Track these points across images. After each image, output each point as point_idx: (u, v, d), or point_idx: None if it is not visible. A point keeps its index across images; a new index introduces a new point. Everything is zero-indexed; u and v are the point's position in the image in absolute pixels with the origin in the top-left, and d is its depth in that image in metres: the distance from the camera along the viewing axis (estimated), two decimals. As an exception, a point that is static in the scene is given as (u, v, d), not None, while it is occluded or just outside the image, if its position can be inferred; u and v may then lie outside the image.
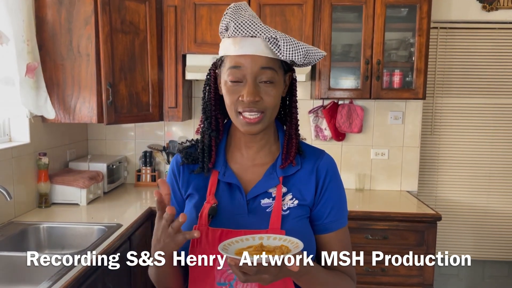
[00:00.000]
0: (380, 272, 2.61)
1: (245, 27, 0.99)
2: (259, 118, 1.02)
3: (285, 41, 0.99)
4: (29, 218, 2.32)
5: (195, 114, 3.22)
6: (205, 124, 1.11)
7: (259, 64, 1.00)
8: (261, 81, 1.01)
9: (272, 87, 1.02)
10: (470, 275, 3.45)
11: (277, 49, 1.00)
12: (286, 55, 1.00)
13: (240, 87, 1.01)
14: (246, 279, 0.87)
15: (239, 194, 1.07)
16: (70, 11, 2.45)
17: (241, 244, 0.93)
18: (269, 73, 1.01)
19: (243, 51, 1.00)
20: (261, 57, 1.00)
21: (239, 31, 1.00)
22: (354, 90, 2.84)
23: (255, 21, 1.00)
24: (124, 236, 2.11)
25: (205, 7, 2.75)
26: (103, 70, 2.48)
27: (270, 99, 1.02)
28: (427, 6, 2.72)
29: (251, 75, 1.00)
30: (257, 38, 1.00)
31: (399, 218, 2.60)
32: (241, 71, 1.01)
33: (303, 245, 0.90)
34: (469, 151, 3.29)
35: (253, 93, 0.99)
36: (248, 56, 1.00)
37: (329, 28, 2.76)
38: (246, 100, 0.99)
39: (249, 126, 1.03)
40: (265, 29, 1.00)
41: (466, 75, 3.24)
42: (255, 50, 1.00)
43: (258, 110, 1.01)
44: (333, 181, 1.10)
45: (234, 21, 1.01)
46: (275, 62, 1.02)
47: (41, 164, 2.47)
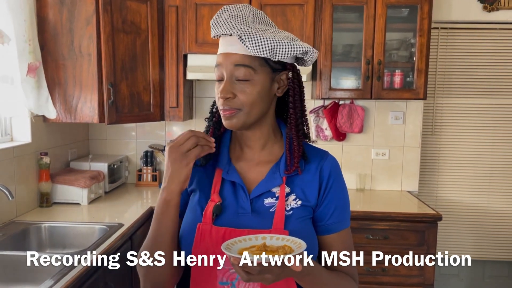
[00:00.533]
0: (381, 272, 2.62)
1: (220, 25, 1.03)
2: (234, 111, 1.03)
3: (250, 38, 0.99)
4: (31, 217, 2.33)
5: (196, 114, 3.22)
6: (209, 116, 1.14)
7: (233, 61, 1.02)
8: (237, 79, 1.03)
9: (248, 85, 1.03)
10: (470, 275, 3.46)
11: (245, 46, 1.01)
12: (253, 51, 1.00)
13: (221, 84, 1.04)
14: (249, 279, 0.87)
15: (243, 193, 1.07)
16: (72, 11, 2.46)
17: (244, 244, 0.94)
18: (244, 70, 1.02)
19: (222, 49, 1.05)
20: (234, 54, 1.02)
21: (216, 30, 1.04)
22: (355, 90, 2.84)
23: (229, 20, 1.02)
24: (125, 235, 2.12)
25: (206, 7, 2.75)
26: (104, 70, 2.48)
27: (246, 96, 1.03)
28: (428, 6, 2.73)
29: (226, 72, 1.03)
30: (234, 37, 1.02)
31: (400, 218, 2.60)
32: (220, 69, 1.04)
33: (306, 245, 0.90)
34: (469, 151, 3.30)
35: (225, 90, 1.02)
36: (224, 54, 1.04)
37: (330, 28, 2.76)
38: (220, 96, 1.03)
39: (226, 120, 1.05)
40: (235, 27, 1.00)
41: (466, 76, 3.24)
42: (230, 48, 1.03)
43: (231, 107, 1.03)
44: (336, 182, 1.11)
45: (214, 20, 1.04)
46: (253, 60, 1.02)
47: (43, 163, 2.48)
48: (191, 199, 1.12)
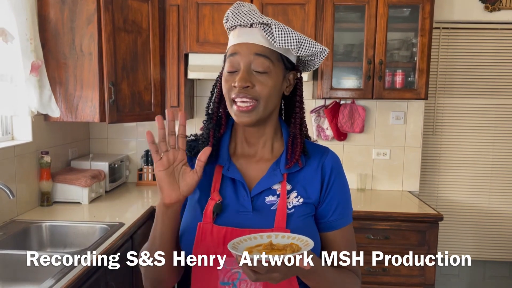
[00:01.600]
0: (382, 272, 2.62)
1: (242, 15, 1.03)
2: (252, 106, 1.02)
3: (278, 28, 1.01)
4: (31, 216, 2.33)
5: (197, 113, 3.22)
6: (206, 118, 1.13)
7: (253, 51, 1.02)
8: (255, 70, 1.02)
9: (266, 77, 1.02)
10: (471, 275, 3.46)
11: (271, 37, 1.01)
12: (279, 42, 1.01)
13: (234, 75, 1.03)
14: (256, 278, 0.86)
15: (243, 191, 1.07)
16: (73, 10, 2.45)
17: (250, 243, 0.93)
18: (263, 61, 1.02)
19: (240, 39, 1.04)
20: (255, 45, 1.02)
21: (236, 20, 1.03)
22: (356, 90, 2.84)
23: (252, 12, 1.03)
24: (126, 235, 2.11)
25: (208, 6, 2.75)
26: (105, 69, 2.48)
27: (263, 87, 1.02)
28: (430, 6, 2.72)
29: (245, 61, 1.02)
30: (254, 28, 1.02)
31: (401, 218, 2.60)
32: (236, 58, 1.03)
33: (313, 243, 0.90)
34: (470, 151, 3.30)
35: (245, 79, 1.01)
36: (244, 44, 1.03)
37: (331, 28, 2.76)
38: (238, 85, 1.00)
39: (242, 116, 1.03)
40: (260, 17, 1.02)
41: (468, 76, 3.24)
42: (250, 38, 1.03)
43: (250, 97, 1.01)
44: (338, 178, 1.10)
45: (232, 12, 1.05)
46: (272, 53, 1.03)
47: (43, 162, 2.48)
48: (190, 197, 1.11)
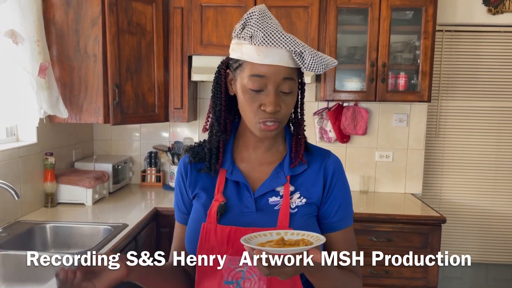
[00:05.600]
0: (384, 274, 2.62)
1: (274, 38, 0.99)
2: (277, 125, 1.04)
3: (311, 55, 1.00)
4: (36, 217, 2.34)
5: (200, 115, 3.23)
6: (214, 125, 1.11)
7: (282, 75, 1.01)
8: (282, 91, 1.02)
9: (291, 97, 1.04)
10: (473, 278, 3.45)
11: (301, 62, 1.01)
12: (309, 68, 1.01)
13: (261, 95, 1.02)
14: (269, 273, 0.87)
15: (247, 193, 1.08)
16: (78, 12, 2.47)
17: (260, 239, 0.94)
18: (290, 84, 1.02)
19: (267, 60, 1.00)
20: (285, 68, 1.01)
21: (266, 41, 0.99)
22: (359, 92, 2.84)
23: (282, 32, 1.01)
24: (130, 236, 2.12)
25: (211, 8, 2.76)
26: (109, 71, 2.49)
27: (288, 108, 1.04)
28: (433, 9, 2.73)
29: (274, 85, 1.01)
30: (282, 49, 1.00)
31: (404, 220, 2.60)
32: (264, 80, 1.01)
33: (324, 238, 0.91)
34: (474, 153, 3.29)
35: (276, 104, 1.01)
36: (272, 66, 1.00)
37: (334, 30, 2.77)
38: (269, 110, 1.00)
39: (266, 133, 1.05)
40: (291, 41, 1.00)
41: (471, 78, 3.24)
42: (279, 60, 1.00)
43: (277, 119, 1.03)
44: (340, 180, 1.12)
45: (262, 31, 1.00)
46: (295, 72, 1.04)
47: (48, 164, 2.49)
48: (195, 202, 1.13)
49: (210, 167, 1.10)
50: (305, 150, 1.12)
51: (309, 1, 2.71)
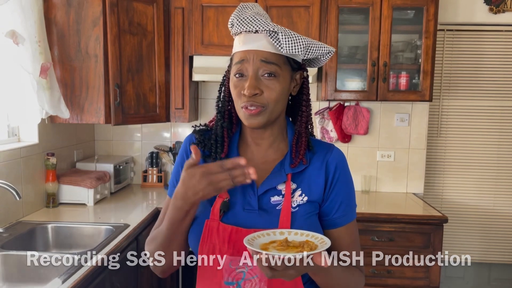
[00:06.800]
0: (386, 274, 2.61)
1: (247, 22, 1.04)
2: (259, 110, 1.04)
3: (285, 35, 1.02)
4: (37, 217, 2.34)
5: (201, 115, 3.23)
6: (218, 116, 1.13)
7: (260, 57, 1.03)
8: (263, 75, 1.03)
9: (274, 81, 1.04)
10: (476, 277, 3.44)
11: (278, 43, 1.03)
12: (286, 48, 1.02)
13: (243, 81, 1.04)
14: (273, 275, 0.87)
15: (251, 190, 1.08)
16: (79, 12, 2.47)
17: (264, 239, 0.94)
18: (271, 67, 1.03)
19: (246, 46, 1.04)
20: (262, 52, 1.03)
21: (241, 27, 1.04)
22: (361, 92, 2.84)
23: (257, 18, 1.04)
24: (131, 236, 2.12)
25: (212, 8, 2.76)
26: (111, 71, 2.49)
27: (271, 93, 1.04)
28: (434, 8, 2.72)
29: (252, 68, 1.03)
30: (260, 34, 1.03)
31: (405, 220, 2.60)
32: (244, 65, 1.04)
33: (330, 242, 0.91)
34: (475, 153, 3.29)
35: (253, 86, 1.02)
36: (251, 51, 1.04)
37: (335, 30, 2.76)
38: (247, 93, 1.02)
39: (250, 119, 1.05)
40: (266, 24, 1.02)
41: (472, 78, 3.23)
42: (257, 45, 1.03)
43: (258, 104, 1.03)
44: (342, 175, 1.11)
45: (237, 17, 1.05)
46: (279, 58, 1.04)
47: (49, 164, 2.49)
48: None
49: (216, 156, 1.10)
50: (307, 147, 1.11)
51: (310, 1, 2.71)
